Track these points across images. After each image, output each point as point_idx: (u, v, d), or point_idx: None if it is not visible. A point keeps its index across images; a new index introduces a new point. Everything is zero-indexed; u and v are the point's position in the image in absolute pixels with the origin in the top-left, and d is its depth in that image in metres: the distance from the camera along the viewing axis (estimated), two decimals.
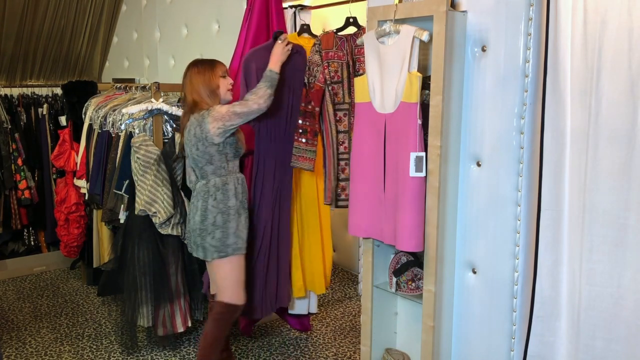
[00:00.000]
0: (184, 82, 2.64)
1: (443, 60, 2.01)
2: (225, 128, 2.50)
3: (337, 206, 2.76)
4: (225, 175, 2.57)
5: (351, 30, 2.82)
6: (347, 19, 2.82)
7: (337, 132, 2.73)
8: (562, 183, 1.88)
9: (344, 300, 4.05)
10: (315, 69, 2.72)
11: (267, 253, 2.94)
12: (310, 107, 2.74)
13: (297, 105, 2.82)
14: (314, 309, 3.40)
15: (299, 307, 3.32)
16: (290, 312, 3.33)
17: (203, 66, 2.61)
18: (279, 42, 2.65)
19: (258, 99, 2.52)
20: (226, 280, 2.62)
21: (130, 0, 4.89)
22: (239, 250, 2.61)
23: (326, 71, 2.69)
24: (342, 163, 2.73)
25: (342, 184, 2.73)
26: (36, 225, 4.65)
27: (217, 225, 2.55)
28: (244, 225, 2.62)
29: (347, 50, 2.71)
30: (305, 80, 2.76)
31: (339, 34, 2.76)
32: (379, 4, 2.27)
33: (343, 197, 2.74)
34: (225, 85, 2.61)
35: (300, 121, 2.78)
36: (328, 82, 2.69)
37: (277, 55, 2.62)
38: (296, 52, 2.77)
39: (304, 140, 2.78)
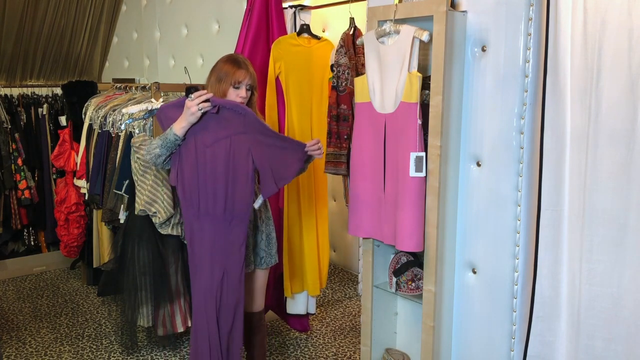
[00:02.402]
0: None
1: (443, 60, 2.01)
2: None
3: None
4: None
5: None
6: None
7: None
8: (562, 183, 1.88)
9: (344, 300, 4.05)
10: (346, 71, 2.74)
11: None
12: (343, 110, 2.78)
13: (239, 176, 2.26)
14: (312, 309, 3.40)
15: (297, 308, 3.32)
16: (288, 312, 3.33)
17: (227, 65, 2.30)
18: (188, 99, 2.16)
19: (147, 153, 2.29)
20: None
21: (130, 0, 4.89)
22: None
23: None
24: None
25: None
26: (36, 225, 4.65)
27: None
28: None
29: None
30: (335, 84, 2.78)
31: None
32: (379, 4, 2.27)
33: None
34: (233, 95, 2.28)
35: (333, 125, 2.80)
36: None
37: (182, 116, 2.19)
38: (230, 108, 2.23)
39: (335, 144, 2.82)
